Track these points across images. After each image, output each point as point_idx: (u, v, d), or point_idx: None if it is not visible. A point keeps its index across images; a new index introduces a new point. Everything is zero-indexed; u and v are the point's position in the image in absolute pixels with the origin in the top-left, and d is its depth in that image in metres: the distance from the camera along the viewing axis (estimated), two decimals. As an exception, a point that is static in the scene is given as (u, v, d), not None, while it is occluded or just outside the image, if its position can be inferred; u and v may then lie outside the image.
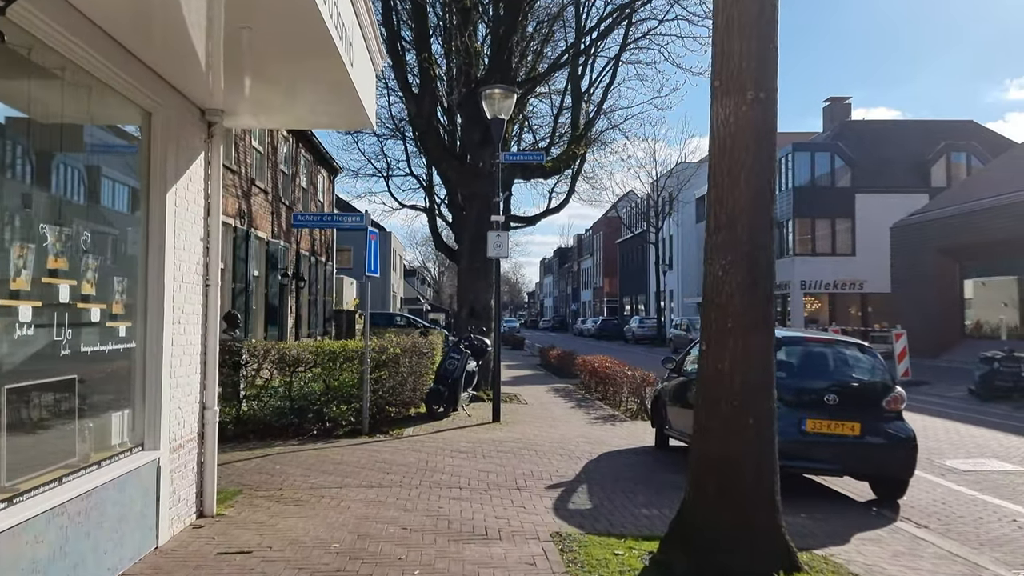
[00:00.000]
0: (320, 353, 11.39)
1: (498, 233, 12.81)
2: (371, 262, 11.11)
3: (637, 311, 64.80)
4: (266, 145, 19.57)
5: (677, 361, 9.99)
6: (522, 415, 13.60)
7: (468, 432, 11.41)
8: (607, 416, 13.85)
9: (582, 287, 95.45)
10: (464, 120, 16.93)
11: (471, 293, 15.98)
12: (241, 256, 17.06)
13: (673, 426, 9.88)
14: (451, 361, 12.83)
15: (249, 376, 11.50)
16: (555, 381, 21.60)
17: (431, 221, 30.30)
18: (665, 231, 49.52)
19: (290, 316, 22.13)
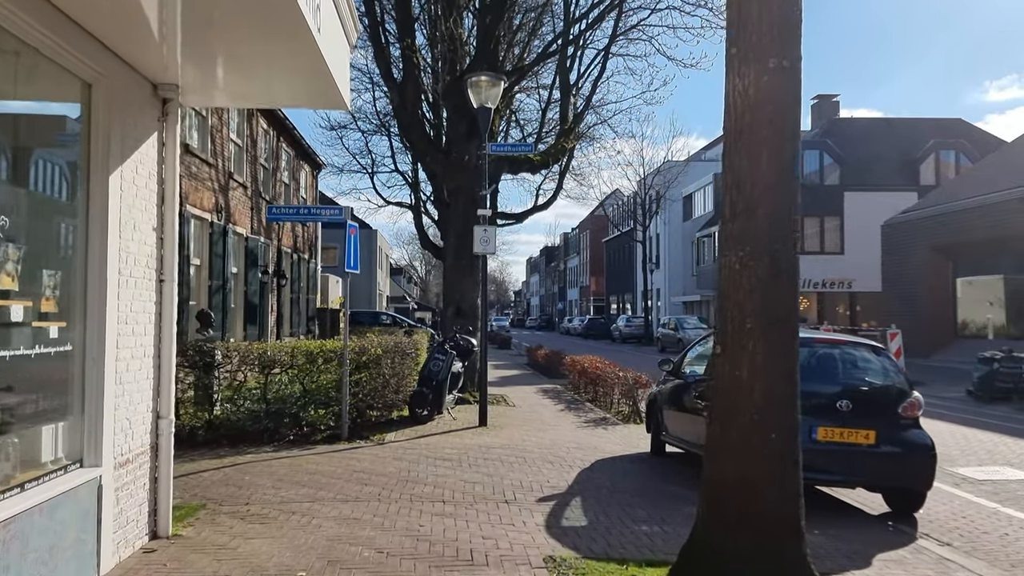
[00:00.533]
0: (297, 354, 10.75)
1: (485, 228, 12.21)
2: (351, 257, 10.48)
3: (624, 310, 64.36)
4: (245, 138, 18.87)
5: (674, 363, 9.43)
6: (510, 418, 13.01)
7: (453, 437, 10.81)
8: (598, 419, 13.29)
9: (568, 286, 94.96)
10: (449, 112, 16.31)
11: (457, 291, 15.37)
12: (218, 252, 16.37)
13: (670, 431, 9.32)
14: (435, 362, 12.22)
15: (222, 378, 10.86)
16: (543, 381, 21.03)
17: (417, 218, 29.77)
18: (652, 230, 49.06)
19: (271, 315, 21.43)
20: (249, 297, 18.97)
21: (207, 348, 10.48)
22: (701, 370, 9.00)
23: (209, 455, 9.22)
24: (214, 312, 16.08)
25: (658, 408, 9.70)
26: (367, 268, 59.26)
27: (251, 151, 19.41)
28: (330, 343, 11.09)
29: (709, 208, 47.23)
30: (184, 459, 8.94)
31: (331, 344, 10.99)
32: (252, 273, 19.25)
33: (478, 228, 12.23)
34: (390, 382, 11.87)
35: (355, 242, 10.68)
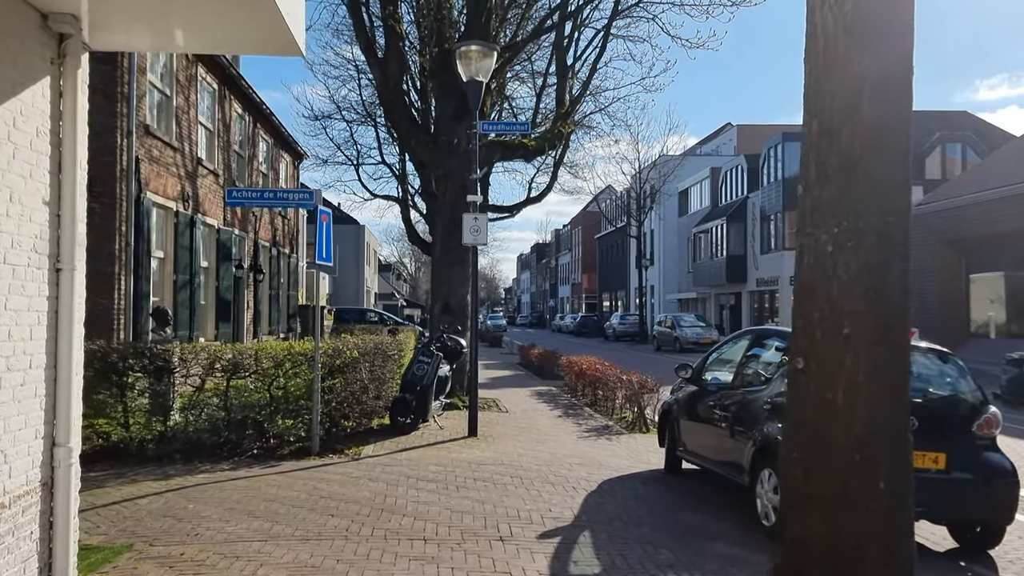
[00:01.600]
0: (262, 356, 9.47)
1: (475, 216, 10.96)
2: (323, 248, 9.22)
3: (617, 307, 63.20)
4: (216, 122, 17.52)
5: (694, 369, 8.21)
6: (503, 426, 11.78)
7: (439, 451, 9.56)
8: (600, 428, 12.07)
9: (560, 283, 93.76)
10: (437, 91, 15.05)
11: (445, 287, 14.12)
12: (184, 244, 15.03)
13: (688, 447, 8.11)
14: (420, 365, 10.96)
15: (178, 384, 9.58)
16: (537, 383, 19.81)
17: (404, 212, 28.62)
18: (646, 226, 47.89)
19: (247, 312, 20.10)
20: (222, 293, 17.64)
21: (159, 350, 9.19)
22: (726, 377, 7.79)
23: (155, 474, 7.95)
24: (180, 309, 14.78)
25: (674, 419, 8.49)
26: (354, 264, 57.81)
27: (223, 136, 18.07)
28: (299, 344, 9.81)
29: (706, 203, 46.13)
30: (125, 479, 7.68)
31: (300, 346, 9.71)
32: (225, 267, 17.92)
33: (467, 216, 10.98)
34: (369, 387, 10.61)
35: (328, 231, 9.42)
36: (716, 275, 41.55)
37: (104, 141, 12.05)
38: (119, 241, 12.11)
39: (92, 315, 12.09)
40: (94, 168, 12.02)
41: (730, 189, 42.23)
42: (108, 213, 12.03)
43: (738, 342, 7.99)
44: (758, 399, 6.62)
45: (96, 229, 12.33)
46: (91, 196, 11.81)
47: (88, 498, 6.82)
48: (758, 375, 7.08)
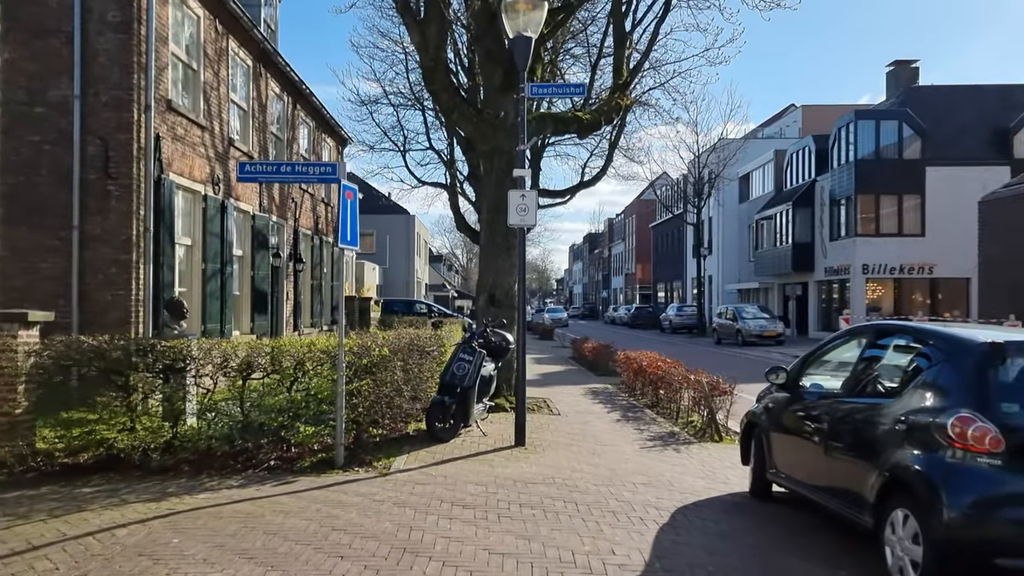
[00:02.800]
0: (279, 356, 8.29)
1: (522, 193, 9.61)
2: (346, 229, 7.98)
3: (672, 298, 61.21)
4: (250, 101, 16.51)
5: (789, 372, 6.71)
6: (554, 433, 10.44)
7: (481, 464, 8.27)
8: (665, 435, 10.64)
9: (613, 273, 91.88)
10: (482, 59, 13.71)
11: (490, 275, 12.80)
12: (214, 231, 14.04)
13: (782, 468, 6.64)
14: (460, 364, 9.66)
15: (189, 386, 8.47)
16: (591, 380, 18.41)
17: (452, 199, 27.66)
18: (704, 213, 45.86)
19: (287, 303, 19.12)
20: (257, 284, 16.66)
21: (164, 348, 8.08)
22: (831, 383, 6.31)
23: (152, 492, 6.84)
24: (210, 301, 13.80)
25: (762, 433, 7.02)
26: (404, 255, 57.01)
27: (259, 117, 17.05)
28: (321, 341, 8.58)
29: (769, 188, 43.88)
30: (114, 499, 6.58)
31: (323, 343, 8.49)
32: (261, 256, 16.94)
33: (514, 194, 9.64)
34: (403, 389, 9.39)
35: (353, 209, 8.17)
36: (780, 264, 39.40)
37: (119, 116, 11.08)
38: (137, 226, 11.11)
39: (106, 307, 11.16)
40: (110, 146, 11.04)
41: (796, 172, 39.98)
42: (124, 195, 11.06)
43: (849, 340, 6.48)
44: (884, 416, 5.13)
45: (112, 212, 11.37)
46: (107, 176, 10.81)
47: (61, 527, 5.75)
48: (881, 383, 5.58)
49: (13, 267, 10.91)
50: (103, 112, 11.04)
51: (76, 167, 10.90)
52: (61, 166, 10.94)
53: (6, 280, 10.88)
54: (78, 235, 10.88)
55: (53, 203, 10.95)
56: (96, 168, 11.00)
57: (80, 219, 10.91)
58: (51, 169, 10.98)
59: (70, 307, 10.80)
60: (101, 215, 10.99)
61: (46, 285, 10.89)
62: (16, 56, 10.95)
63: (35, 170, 10.98)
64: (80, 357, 8.06)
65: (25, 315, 7.88)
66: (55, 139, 10.99)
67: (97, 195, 10.99)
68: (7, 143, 10.95)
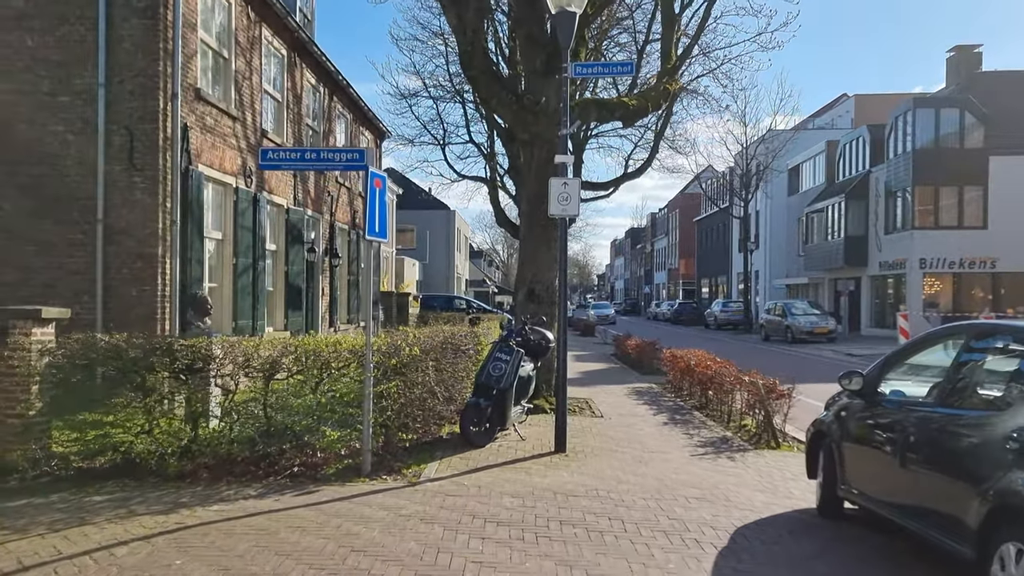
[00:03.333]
0: (303, 355, 7.75)
1: (564, 181, 8.94)
2: (374, 219, 7.40)
3: (717, 294, 59.85)
4: (284, 92, 16.09)
5: (866, 377, 5.92)
6: (597, 437, 9.76)
7: (518, 472, 7.64)
8: (717, 440, 9.89)
9: (656, 268, 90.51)
10: (522, 43, 13.06)
11: (530, 270, 12.16)
12: (246, 225, 13.63)
13: (855, 484, 5.88)
14: (497, 364, 9.03)
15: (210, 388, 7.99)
16: (634, 379, 17.66)
17: (492, 193, 27.26)
18: (751, 206, 44.50)
19: (322, 299, 18.72)
20: (291, 279, 16.26)
21: (182, 347, 7.60)
22: (917, 391, 5.54)
23: (164, 502, 6.35)
24: (241, 297, 13.40)
25: (833, 444, 6.26)
26: (444, 250, 56.68)
27: (294, 108, 16.64)
28: (347, 340, 8.01)
29: (820, 180, 42.39)
30: (123, 509, 6.10)
31: (349, 342, 7.92)
32: (296, 251, 16.53)
33: (555, 182, 8.97)
34: (436, 390, 8.80)
35: (381, 198, 7.59)
36: (832, 258, 38.00)
37: (144, 104, 10.67)
38: (163, 219, 10.71)
39: (131, 303, 10.76)
40: (135, 136, 10.65)
41: (849, 164, 38.50)
42: (150, 187, 10.65)
43: (938, 341, 5.68)
44: (990, 430, 4.37)
45: (137, 205, 10.98)
46: (132, 167, 10.40)
47: (59, 543, 5.26)
48: (984, 393, 4.80)
49: (39, 262, 10.59)
50: (128, 100, 10.65)
51: (100, 158, 10.54)
52: (85, 157, 10.59)
53: (32, 275, 10.57)
54: (102, 228, 10.52)
55: (78, 195, 10.61)
56: (121, 159, 10.62)
57: (104, 212, 10.55)
58: (76, 160, 10.63)
59: (94, 303, 10.45)
60: (126, 208, 10.61)
61: (71, 280, 10.56)
62: (40, 44, 10.61)
63: (60, 161, 10.64)
64: (96, 356, 7.64)
65: (39, 312, 7.47)
66: (79, 129, 10.64)
67: (122, 187, 10.61)
68: (31, 133, 10.63)
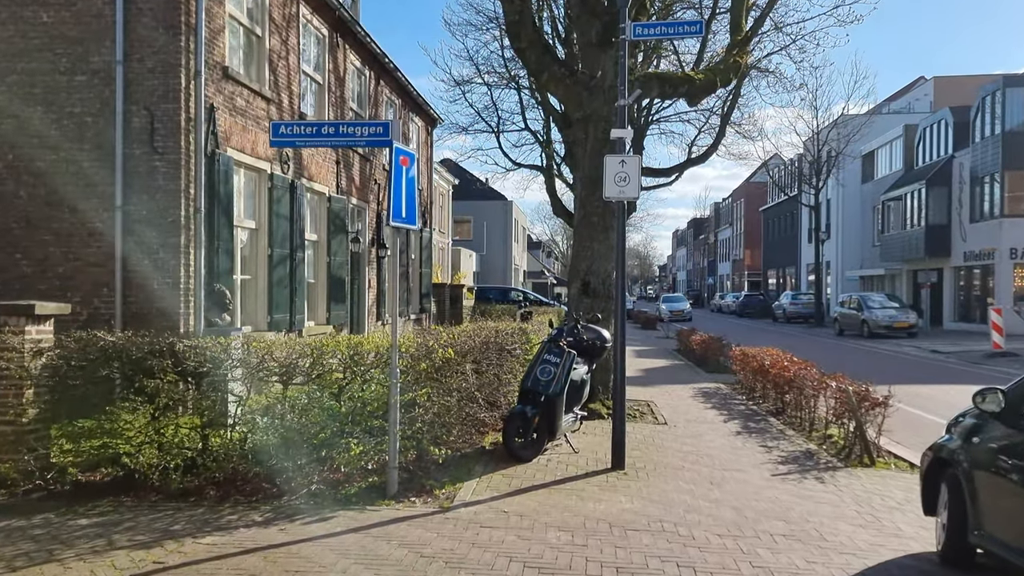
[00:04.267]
0: (321, 358, 6.78)
1: (622, 159, 7.77)
2: (400, 202, 6.39)
3: (784, 286, 57.45)
4: (326, 74, 15.24)
5: (1008, 395, 4.63)
6: (660, 450, 8.58)
7: (567, 497, 6.54)
8: (800, 455, 8.60)
9: (719, 259, 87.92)
10: (576, 13, 11.91)
11: (585, 261, 11.03)
12: (282, 213, 12.81)
13: (995, 531, 4.60)
14: (545, 367, 7.92)
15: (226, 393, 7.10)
16: (700, 378, 16.34)
17: (548, 182, 26.42)
18: (822, 194, 42.24)
19: (369, 291, 17.89)
20: (334, 271, 15.44)
21: (187, 347, 6.72)
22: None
23: (154, 528, 5.46)
24: (277, 289, 12.59)
25: (961, 478, 4.97)
26: (501, 241, 55.65)
27: (336, 91, 15.78)
28: (371, 340, 6.98)
29: (897, 166, 39.93)
30: (102, 540, 5.22)
31: (372, 342, 6.90)
32: (339, 241, 15.70)
33: (611, 160, 7.81)
34: (476, 396, 7.76)
35: (409, 179, 6.57)
36: (911, 248, 35.68)
37: (165, 83, 9.87)
38: (186, 206, 9.90)
39: (152, 297, 9.94)
40: (155, 117, 9.87)
41: (930, 148, 36.07)
42: (172, 172, 9.86)
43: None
44: None
45: (158, 191, 10.18)
46: (152, 151, 9.60)
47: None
48: None
49: (56, 253, 9.91)
50: (148, 79, 9.87)
51: (119, 141, 9.78)
52: (104, 140, 9.86)
53: (49, 267, 9.90)
54: (121, 217, 9.77)
55: (96, 181, 9.88)
56: (141, 142, 9.84)
57: (123, 199, 9.79)
58: (94, 144, 9.90)
59: (114, 297, 9.72)
60: (147, 194, 9.83)
61: (90, 273, 9.85)
62: (55, 19, 9.90)
63: (77, 145, 9.93)
64: (96, 357, 6.82)
65: (32, 307, 6.69)
66: (97, 110, 9.90)
67: (142, 172, 9.84)
68: (47, 116, 9.94)
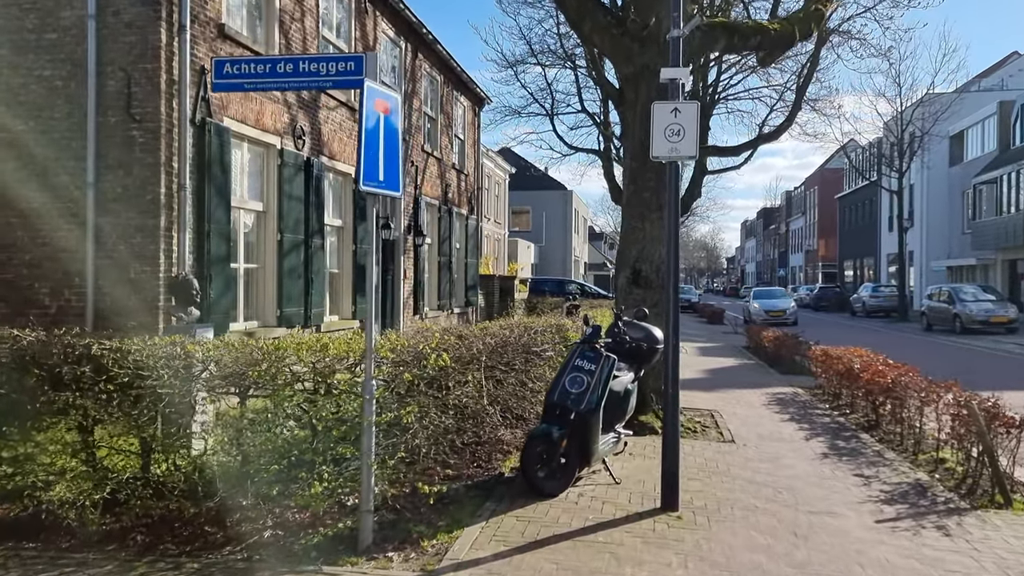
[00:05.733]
0: (279, 363, 5.22)
1: (675, 106, 6.01)
2: (375, 160, 4.81)
3: (862, 277, 54.04)
4: (352, 42, 13.79)
5: None
6: (726, 479, 6.80)
7: (599, 556, 4.86)
8: (908, 489, 6.70)
9: (791, 250, 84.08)
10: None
11: (634, 245, 9.29)
12: (295, 194, 11.42)
13: None
14: (576, 376, 6.21)
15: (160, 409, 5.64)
16: (772, 380, 14.37)
17: (606, 167, 24.88)
18: (905, 179, 39.08)
19: (403, 283, 16.45)
20: (360, 259, 14.02)
21: (108, 349, 5.29)
22: None
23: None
24: (288, 280, 11.21)
25: None
26: (561, 232, 53.74)
27: (364, 61, 14.30)
28: (337, 344, 5.35)
29: (991, 147, 36.58)
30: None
31: (337, 346, 5.28)
32: (365, 227, 14.21)
33: (661, 107, 6.06)
34: (490, 410, 6.12)
35: (389, 131, 4.97)
36: (1008, 235, 32.47)
37: (144, 39, 8.53)
38: (167, 182, 8.54)
39: (129, 288, 8.16)
40: (132, 79, 8.49)
41: (1029, 125, 32.81)
42: (150, 142, 8.50)
43: None
44: None
45: (135, 165, 8.72)
46: (129, 118, 8.21)
47: None
48: None
49: (23, 237, 8.68)
50: (124, 35, 8.53)
51: (91, 107, 8.48)
52: (76, 107, 8.57)
53: (15, 253, 8.68)
54: (94, 194, 8.47)
55: (68, 155, 8.61)
56: (117, 108, 8.52)
57: (96, 174, 8.49)
58: (65, 112, 8.63)
59: (85, 288, 8.43)
60: (123, 168, 8.50)
61: (60, 259, 8.59)
62: (20, -33, 8.65)
63: (48, 113, 8.67)
64: (9, 361, 5.46)
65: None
66: (69, 73, 8.62)
67: (117, 142, 8.51)
68: (14, 80, 8.70)
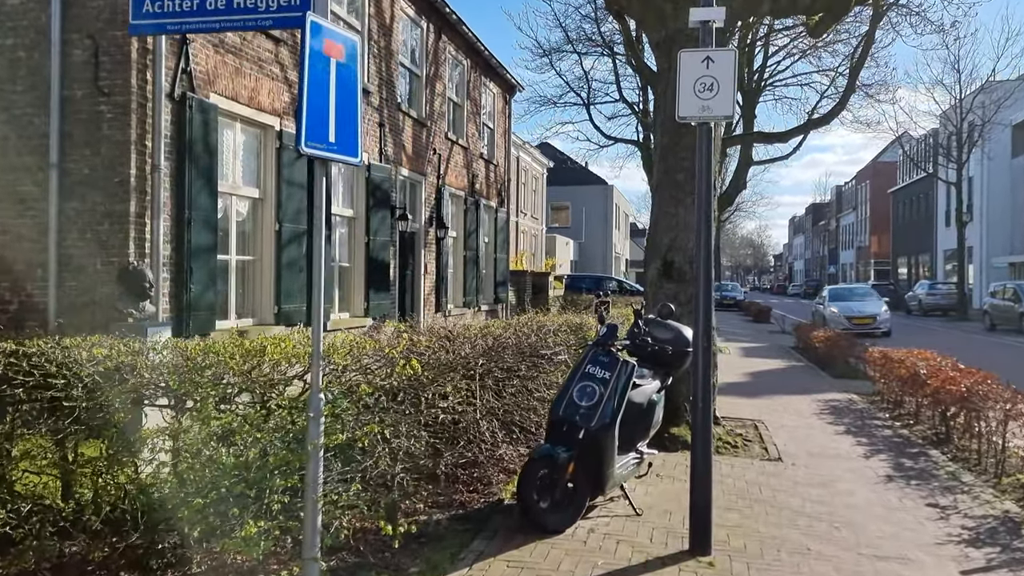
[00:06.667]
0: (188, 375, 4.22)
1: (706, 54, 4.87)
2: (320, 115, 3.81)
3: (917, 274, 51.65)
4: (365, 19, 12.83)
5: None
6: (768, 509, 5.64)
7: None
8: (996, 523, 5.47)
9: (842, 247, 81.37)
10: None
11: (666, 233, 8.15)
12: (297, 180, 10.49)
13: None
14: (586, 386, 5.10)
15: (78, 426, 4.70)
16: (823, 385, 13.06)
17: (645, 157, 24.32)
18: (964, 171, 36.91)
19: (424, 278, 15.47)
20: (375, 253, 13.07)
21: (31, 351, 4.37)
22: None
23: None
24: (287, 272, 10.30)
25: None
26: (601, 228, 52.35)
27: (379, 41, 13.34)
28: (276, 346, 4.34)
29: (1059, 134, 34.31)
30: None
31: (286, 347, 4.27)
32: (380, 218, 13.31)
33: (689, 56, 4.91)
34: (482, 424, 5.06)
35: (339, 80, 3.95)
36: (1078, 230, 30.37)
37: (113, 3, 7.64)
38: (138, 163, 7.65)
39: (94, 280, 6.30)
40: (100, 48, 7.52)
41: (1103, 111, 30.56)
42: (120, 118, 7.61)
43: None
44: None
45: (103, 143, 7.80)
46: (96, 91, 7.19)
47: None
48: None
49: (-16, 224, 7.88)
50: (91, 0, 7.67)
51: (55, 79, 7.63)
52: (39, 79, 7.74)
53: (-25, 242, 7.88)
54: (57, 176, 7.61)
55: (31, 132, 7.78)
56: (84, 80, 7.66)
57: (60, 154, 7.63)
58: (28, 84, 7.80)
59: (48, 281, 7.59)
60: (89, 148, 7.63)
61: (21, 249, 7.76)
62: (-22, -74, 7.83)
63: (8, 87, 7.85)
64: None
65: None
66: (32, 42, 7.79)
67: (84, 119, 7.65)
68: (-27, 51, 7.90)
